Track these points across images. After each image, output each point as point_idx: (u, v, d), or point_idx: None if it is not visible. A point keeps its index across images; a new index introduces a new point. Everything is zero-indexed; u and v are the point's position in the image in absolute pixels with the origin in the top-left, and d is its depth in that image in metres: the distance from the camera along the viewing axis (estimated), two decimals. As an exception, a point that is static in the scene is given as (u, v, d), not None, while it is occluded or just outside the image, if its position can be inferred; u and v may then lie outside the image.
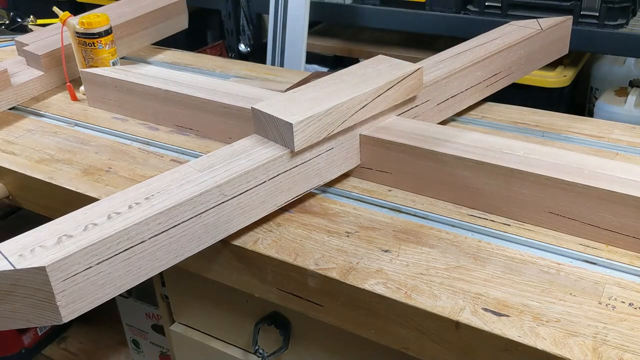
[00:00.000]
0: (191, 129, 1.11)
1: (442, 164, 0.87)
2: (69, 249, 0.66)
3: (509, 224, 0.84)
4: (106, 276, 0.70)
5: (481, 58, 1.10)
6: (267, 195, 0.84)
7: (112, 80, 1.18)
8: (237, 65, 1.45)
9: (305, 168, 0.88)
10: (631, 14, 1.78)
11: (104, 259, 0.69)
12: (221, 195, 0.78)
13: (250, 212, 0.83)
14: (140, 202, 0.74)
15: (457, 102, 1.09)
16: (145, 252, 0.72)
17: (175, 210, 0.74)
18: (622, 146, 1.02)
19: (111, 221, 0.71)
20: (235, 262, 0.84)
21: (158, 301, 1.12)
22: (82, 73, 1.22)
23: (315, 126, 0.85)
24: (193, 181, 0.78)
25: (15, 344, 1.62)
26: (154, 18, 1.46)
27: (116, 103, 1.20)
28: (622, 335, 0.65)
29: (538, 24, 1.21)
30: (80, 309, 0.69)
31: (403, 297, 0.72)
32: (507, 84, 1.18)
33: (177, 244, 0.76)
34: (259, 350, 0.92)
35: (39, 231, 0.70)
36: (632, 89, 1.90)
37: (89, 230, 0.69)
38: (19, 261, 0.65)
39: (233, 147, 0.87)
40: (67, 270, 0.66)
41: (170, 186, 0.77)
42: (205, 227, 0.78)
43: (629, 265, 0.76)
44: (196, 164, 0.83)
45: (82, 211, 0.74)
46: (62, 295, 0.66)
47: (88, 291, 0.68)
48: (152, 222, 0.72)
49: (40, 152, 1.08)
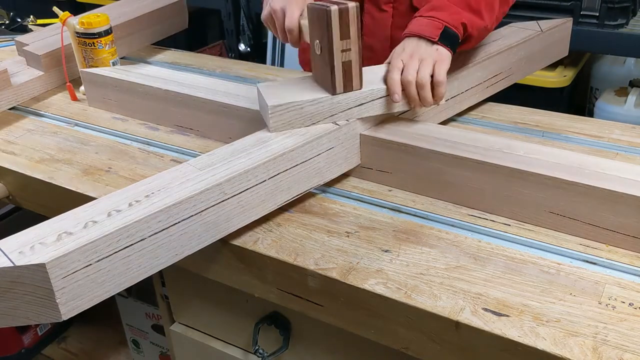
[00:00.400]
0: (191, 128, 1.11)
1: (443, 163, 0.87)
2: (69, 246, 0.66)
3: (509, 224, 0.84)
4: (106, 274, 0.69)
5: (481, 59, 1.10)
6: (268, 194, 0.84)
7: (113, 80, 1.18)
8: (237, 65, 1.45)
9: (305, 167, 0.88)
10: (631, 14, 1.78)
11: (103, 256, 0.69)
12: (221, 194, 0.78)
13: (250, 210, 0.83)
14: (141, 200, 0.74)
15: (457, 103, 1.09)
16: (145, 249, 0.72)
17: (176, 208, 0.74)
18: (622, 146, 1.02)
19: (111, 219, 0.71)
20: (235, 262, 0.84)
21: (158, 301, 1.12)
22: (83, 73, 1.22)
23: (294, 113, 0.89)
24: (193, 179, 0.78)
25: (15, 344, 1.62)
26: (154, 18, 1.46)
27: (116, 103, 1.20)
28: (622, 335, 0.65)
29: (538, 26, 1.21)
30: (80, 306, 0.69)
31: (403, 297, 0.72)
32: (507, 85, 1.19)
33: (177, 242, 0.76)
34: (259, 350, 0.92)
35: (39, 228, 0.70)
36: (632, 89, 1.90)
37: (89, 227, 0.69)
38: (19, 258, 0.65)
39: (233, 145, 0.87)
40: (66, 268, 0.66)
41: (170, 184, 0.77)
42: (206, 225, 0.78)
43: (629, 265, 0.76)
44: (196, 163, 0.83)
45: (83, 208, 0.74)
46: (62, 293, 0.66)
47: (88, 288, 0.68)
48: (152, 220, 0.72)
49: (40, 152, 1.08)
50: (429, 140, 0.90)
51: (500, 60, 1.14)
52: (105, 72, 1.20)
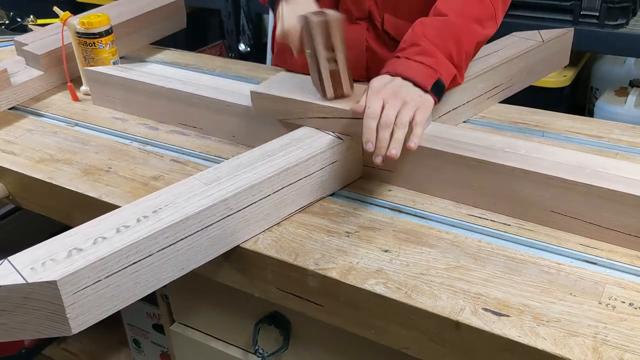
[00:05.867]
0: (194, 126, 1.12)
1: (445, 162, 0.87)
2: (79, 263, 0.67)
3: (509, 224, 0.84)
4: (115, 289, 0.70)
5: (482, 71, 1.10)
6: (272, 207, 0.85)
7: (117, 79, 1.18)
8: (237, 65, 1.45)
9: (309, 181, 0.88)
10: (631, 14, 1.78)
11: (112, 272, 0.70)
12: (227, 209, 0.79)
13: (255, 224, 0.83)
14: (149, 216, 0.75)
15: (457, 115, 1.08)
16: (152, 265, 0.73)
17: (183, 224, 0.75)
18: (622, 146, 1.02)
19: (120, 235, 0.72)
20: (235, 262, 0.84)
21: (158, 301, 1.11)
22: (87, 71, 1.23)
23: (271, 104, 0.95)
24: (200, 194, 0.79)
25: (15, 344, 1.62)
26: (153, 18, 1.46)
27: (121, 101, 1.21)
28: (622, 335, 0.65)
29: (540, 36, 1.21)
30: (89, 320, 0.70)
31: (403, 297, 0.72)
32: (507, 95, 1.18)
33: (184, 257, 0.76)
34: (259, 350, 0.92)
35: (50, 244, 0.71)
36: (632, 89, 1.90)
37: (98, 243, 0.70)
38: (31, 275, 0.66)
39: (239, 159, 0.88)
40: (77, 284, 0.67)
41: (177, 199, 0.78)
42: (211, 240, 0.79)
43: (629, 265, 0.76)
44: (202, 177, 0.83)
45: (92, 224, 0.75)
46: (72, 308, 0.67)
47: (97, 303, 0.69)
48: (160, 235, 0.73)
49: (40, 152, 1.08)
50: (431, 139, 0.90)
51: (500, 72, 1.13)
52: (110, 70, 1.21)
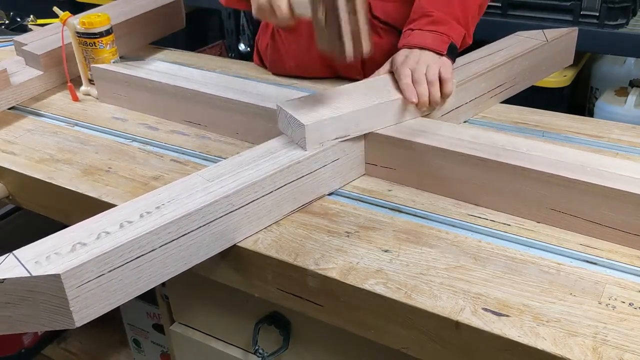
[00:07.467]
0: (199, 123, 1.12)
1: (446, 160, 0.88)
2: (83, 257, 0.68)
3: (509, 224, 0.84)
4: (117, 283, 0.71)
5: (486, 70, 1.10)
6: (274, 204, 0.85)
7: (123, 76, 1.19)
8: (237, 65, 1.45)
9: (311, 178, 0.88)
10: (631, 14, 1.78)
11: (115, 266, 0.70)
12: (229, 205, 0.79)
13: (257, 220, 0.84)
14: (151, 211, 0.75)
15: (460, 114, 1.09)
16: (155, 260, 0.74)
17: (185, 220, 0.75)
18: (622, 146, 1.02)
19: (123, 230, 0.72)
20: (235, 262, 0.84)
21: (158, 301, 1.11)
22: (94, 69, 1.23)
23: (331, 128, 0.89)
24: (202, 191, 0.79)
25: (15, 344, 1.62)
26: (152, 17, 1.46)
27: (127, 98, 1.21)
28: (622, 335, 0.65)
29: (544, 35, 1.21)
30: (92, 314, 0.70)
31: (403, 297, 0.72)
32: (511, 95, 1.18)
33: (186, 252, 0.77)
34: (259, 350, 0.92)
35: (54, 238, 0.72)
36: (632, 89, 1.90)
37: (102, 238, 0.71)
38: (35, 268, 0.67)
39: (241, 156, 0.88)
40: (80, 277, 0.67)
41: (180, 195, 0.79)
42: (214, 236, 0.79)
43: (629, 265, 0.76)
44: (205, 174, 0.84)
45: (96, 219, 0.75)
46: (76, 301, 0.68)
47: (100, 297, 0.70)
48: (163, 231, 0.73)
49: (40, 152, 1.08)
50: (433, 138, 0.90)
51: (504, 71, 1.13)
52: (116, 68, 1.21)
